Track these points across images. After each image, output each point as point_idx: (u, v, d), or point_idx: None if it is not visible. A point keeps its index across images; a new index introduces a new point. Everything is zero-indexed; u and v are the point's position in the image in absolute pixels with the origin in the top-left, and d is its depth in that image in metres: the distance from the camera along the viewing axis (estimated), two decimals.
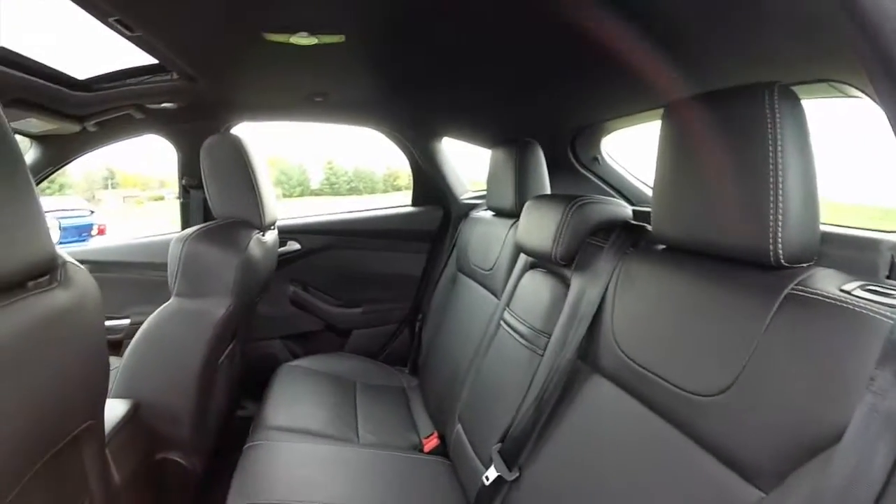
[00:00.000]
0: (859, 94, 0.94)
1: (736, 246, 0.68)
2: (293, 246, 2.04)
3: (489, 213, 1.74)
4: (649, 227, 0.94)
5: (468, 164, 2.19)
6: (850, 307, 0.55)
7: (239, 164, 1.40)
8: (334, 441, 1.35)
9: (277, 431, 1.35)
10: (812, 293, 0.59)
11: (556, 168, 1.64)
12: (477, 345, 1.40)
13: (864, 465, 0.44)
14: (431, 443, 1.41)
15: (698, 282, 0.75)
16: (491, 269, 1.52)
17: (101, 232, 7.22)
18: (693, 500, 0.64)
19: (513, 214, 1.50)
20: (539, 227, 1.19)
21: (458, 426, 1.31)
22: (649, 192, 1.69)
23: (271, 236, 1.60)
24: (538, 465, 0.95)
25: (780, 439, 0.56)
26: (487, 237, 1.62)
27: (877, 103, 0.90)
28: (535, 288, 1.21)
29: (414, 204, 2.19)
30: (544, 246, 1.15)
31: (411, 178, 2.17)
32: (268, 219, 1.47)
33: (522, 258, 1.35)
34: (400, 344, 2.14)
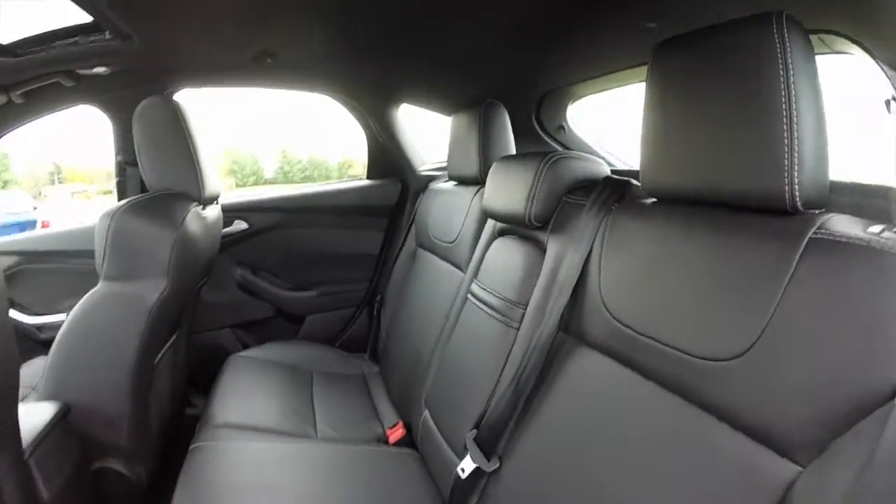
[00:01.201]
0: (853, 48, 0.87)
1: (744, 192, 0.61)
2: (240, 226, 1.86)
3: (450, 184, 1.63)
4: (635, 182, 0.86)
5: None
6: (888, 249, 0.48)
7: (175, 129, 1.24)
8: (290, 437, 1.22)
9: (226, 430, 1.20)
10: (839, 237, 0.52)
11: (520, 136, 1.53)
12: (442, 323, 1.29)
13: None
14: (397, 433, 1.29)
15: (701, 234, 0.66)
16: (454, 240, 1.41)
17: (45, 227, 6.72)
18: (715, 480, 0.56)
19: (477, 181, 1.40)
20: (509, 188, 1.08)
21: (426, 413, 1.20)
22: (618, 164, 1.63)
23: (213, 212, 1.44)
24: (521, 452, 0.85)
25: (816, 404, 0.49)
26: (449, 208, 1.51)
27: (875, 56, 0.86)
28: (505, 256, 1.11)
29: (369, 177, 2.04)
30: (516, 208, 1.04)
31: (366, 150, 2.02)
32: (208, 191, 1.31)
33: (490, 225, 1.25)
34: (358, 328, 2.00)
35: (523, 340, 0.94)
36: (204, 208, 1.34)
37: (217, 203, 1.53)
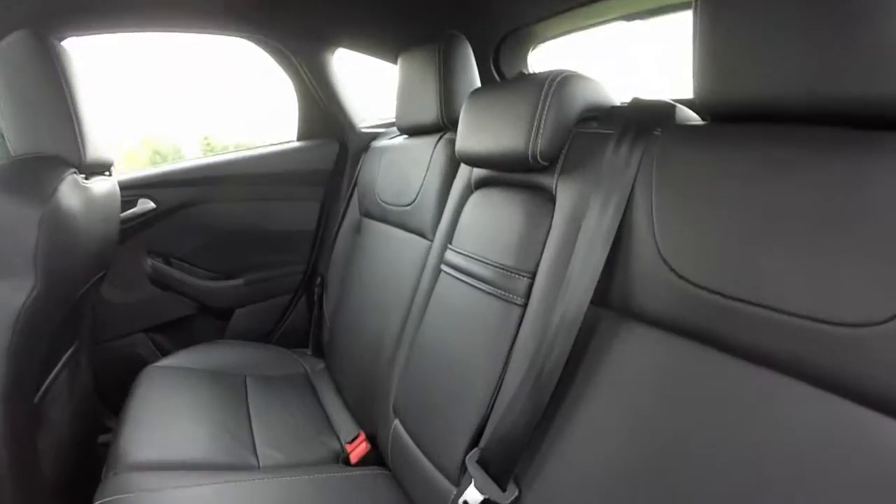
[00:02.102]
0: None
1: (871, 98, 0.43)
2: (146, 205, 1.49)
3: (400, 138, 1.37)
4: (674, 102, 0.66)
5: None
6: None
7: (47, 74, 0.93)
8: (225, 472, 0.93)
9: (139, 474, 0.90)
10: None
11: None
12: (406, 305, 1.05)
13: None
14: (359, 449, 1.03)
15: (811, 159, 0.46)
16: (411, 202, 1.16)
17: None
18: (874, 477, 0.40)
19: (439, 128, 1.15)
20: (497, 122, 0.85)
21: (396, 422, 0.95)
22: None
23: (102, 185, 1.11)
24: (551, 475, 0.62)
25: None
26: (402, 165, 1.25)
27: None
28: (492, 212, 0.88)
29: (301, 138, 1.71)
30: (510, 144, 0.80)
31: (296, 107, 1.68)
32: (92, 154, 1.00)
33: (462, 177, 1.02)
34: (297, 319, 1.69)
35: (537, 320, 0.71)
36: (87, 177, 1.02)
37: (109, 174, 1.20)
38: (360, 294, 1.29)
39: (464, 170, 1.03)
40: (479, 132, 0.89)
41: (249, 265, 1.62)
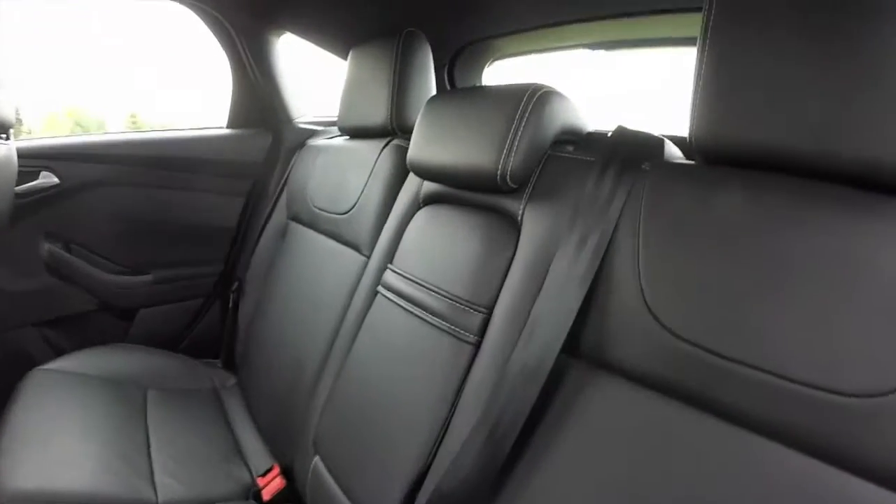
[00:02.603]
0: None
1: (881, 160, 0.41)
2: (49, 179, 1.28)
3: (340, 139, 1.27)
4: (660, 136, 0.63)
5: None
6: None
7: None
8: None
9: None
10: None
11: None
12: (333, 326, 0.96)
13: None
14: (273, 485, 0.91)
15: (815, 215, 0.44)
16: (348, 211, 1.06)
17: None
18: None
19: (386, 132, 1.06)
20: (460, 133, 0.77)
21: (316, 459, 0.84)
22: None
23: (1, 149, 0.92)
24: None
25: None
26: (341, 168, 1.15)
27: None
28: (442, 233, 0.81)
29: (231, 126, 1.54)
30: (477, 160, 0.73)
31: (231, 90, 1.52)
32: None
33: (409, 190, 0.94)
34: (207, 326, 1.53)
35: (492, 363, 0.64)
36: None
37: (6, 139, 1.02)
38: (282, 306, 1.17)
39: (412, 181, 0.95)
40: (438, 142, 0.82)
41: (160, 261, 1.44)
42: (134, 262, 1.42)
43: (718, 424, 0.46)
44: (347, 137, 1.23)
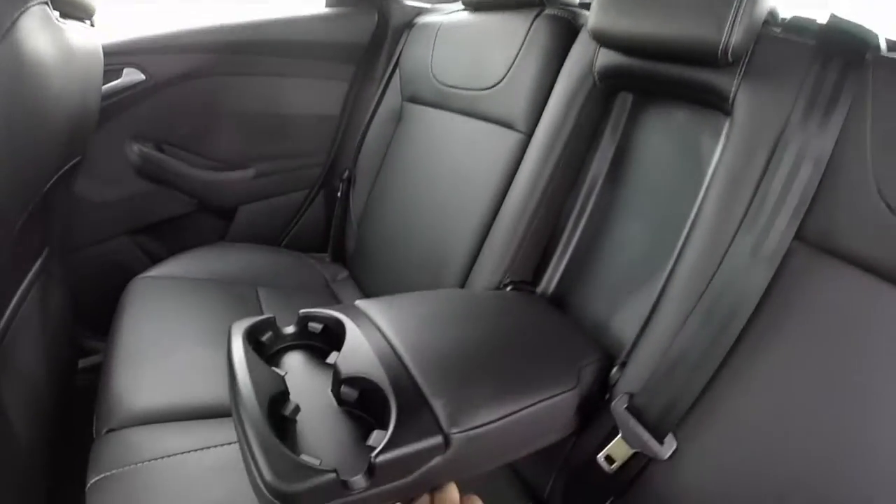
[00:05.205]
0: None
1: None
2: (134, 76, 1.19)
3: (463, 14, 1.13)
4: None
5: None
6: None
7: None
8: None
9: (144, 430, 0.72)
10: None
11: None
12: (490, 206, 0.91)
13: None
14: None
15: None
16: (494, 86, 0.96)
17: None
18: None
19: (531, 2, 0.96)
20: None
21: None
22: None
23: (82, 34, 0.85)
24: (719, 429, 0.54)
25: None
26: (476, 43, 1.05)
27: None
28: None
29: (331, 4, 1.39)
30: (695, 31, 0.64)
31: None
32: None
33: (578, 63, 0.83)
34: (311, 220, 1.47)
35: (703, 251, 0.61)
36: (63, 16, 0.76)
37: (90, 23, 0.92)
38: (407, 193, 1.09)
39: (581, 54, 0.84)
40: (638, 8, 0.71)
41: (259, 154, 1.36)
42: (232, 157, 1.35)
43: None
44: (471, 11, 1.11)
